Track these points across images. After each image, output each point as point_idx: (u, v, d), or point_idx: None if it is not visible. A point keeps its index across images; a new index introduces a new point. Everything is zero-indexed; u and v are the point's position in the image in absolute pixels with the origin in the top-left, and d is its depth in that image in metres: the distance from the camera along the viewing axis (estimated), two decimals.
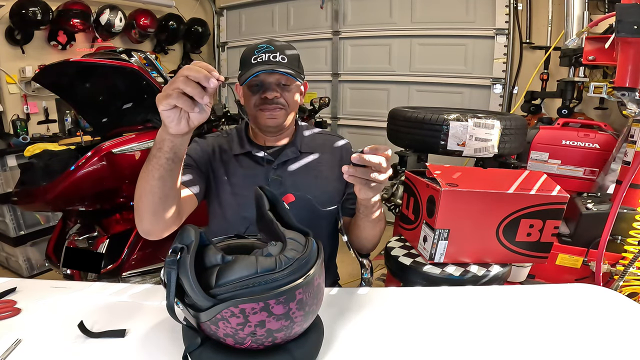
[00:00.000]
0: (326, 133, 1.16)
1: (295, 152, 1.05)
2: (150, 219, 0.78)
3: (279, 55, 0.94)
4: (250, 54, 0.95)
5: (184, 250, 0.52)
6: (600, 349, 0.67)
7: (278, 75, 0.95)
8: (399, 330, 0.71)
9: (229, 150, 1.05)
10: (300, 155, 1.05)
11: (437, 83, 3.20)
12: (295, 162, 1.05)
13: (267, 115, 0.97)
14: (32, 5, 2.60)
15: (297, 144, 1.06)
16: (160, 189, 0.73)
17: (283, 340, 0.55)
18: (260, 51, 0.94)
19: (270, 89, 0.95)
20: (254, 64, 0.93)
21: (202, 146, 1.04)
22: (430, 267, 1.18)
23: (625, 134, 1.69)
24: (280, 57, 0.93)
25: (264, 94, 0.95)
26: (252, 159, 1.04)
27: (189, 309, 0.53)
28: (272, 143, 1.06)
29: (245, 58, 0.96)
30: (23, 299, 0.78)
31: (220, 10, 4.17)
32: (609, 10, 2.22)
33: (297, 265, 0.52)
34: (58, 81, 1.92)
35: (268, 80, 0.95)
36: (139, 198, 0.76)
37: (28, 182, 1.80)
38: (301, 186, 1.01)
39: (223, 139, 1.08)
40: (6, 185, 2.39)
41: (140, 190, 0.75)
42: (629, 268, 1.47)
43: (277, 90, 0.96)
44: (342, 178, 1.05)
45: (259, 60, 0.93)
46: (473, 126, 1.67)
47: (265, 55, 0.93)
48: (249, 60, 0.94)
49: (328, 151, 1.09)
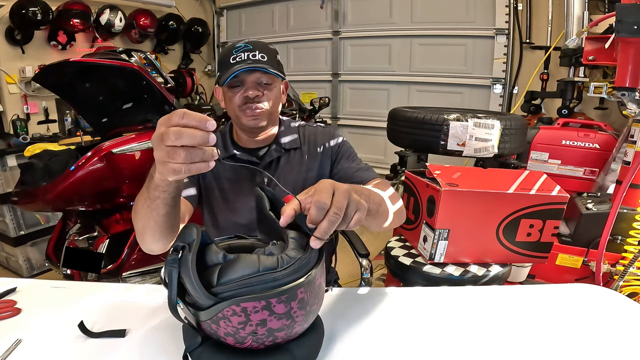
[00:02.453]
0: (306, 125, 1.11)
1: (279, 150, 1.02)
2: (156, 243, 0.76)
3: (258, 53, 0.91)
4: (228, 54, 0.92)
5: (186, 248, 0.52)
6: (600, 349, 0.67)
7: (259, 74, 0.92)
8: (399, 330, 0.71)
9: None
10: (284, 153, 1.03)
11: (437, 83, 3.21)
12: (281, 160, 1.02)
13: (250, 115, 0.94)
14: (32, 5, 2.60)
15: (280, 141, 1.03)
16: (166, 222, 0.71)
17: (284, 339, 0.55)
18: (238, 50, 0.91)
19: (252, 87, 0.93)
20: (233, 63, 0.91)
21: None
22: (430, 267, 1.18)
23: (625, 134, 1.69)
24: (260, 55, 0.91)
25: (246, 93, 0.92)
26: (237, 162, 1.02)
27: (190, 307, 0.53)
28: (256, 144, 1.03)
29: (224, 58, 0.94)
30: (23, 299, 0.78)
31: (220, 10, 4.17)
32: (609, 10, 2.22)
33: (299, 265, 0.52)
34: (58, 81, 1.92)
35: (249, 78, 0.92)
36: (143, 229, 0.73)
37: (28, 182, 1.80)
38: (290, 184, 1.00)
39: None
40: (6, 185, 2.39)
41: (144, 222, 0.71)
42: (629, 268, 1.47)
43: (258, 89, 0.93)
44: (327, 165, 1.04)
45: (237, 60, 0.91)
46: (473, 126, 1.67)
47: (244, 54, 0.91)
48: (228, 61, 0.92)
49: (309, 142, 1.06)
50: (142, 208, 0.69)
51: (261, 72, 0.92)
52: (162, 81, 2.99)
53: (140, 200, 0.69)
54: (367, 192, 0.69)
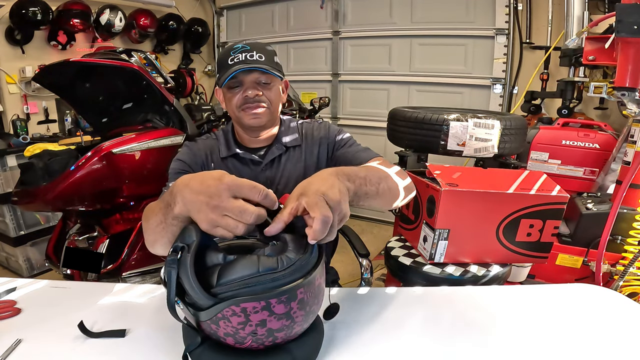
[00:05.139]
0: (304, 122, 1.12)
1: (280, 148, 1.03)
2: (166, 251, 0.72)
3: (255, 53, 0.92)
4: (226, 55, 0.94)
5: (185, 249, 0.52)
6: (600, 349, 0.67)
7: (257, 74, 0.94)
8: (399, 330, 0.71)
9: (217, 153, 1.04)
10: (286, 151, 1.04)
11: (437, 83, 3.20)
12: (282, 158, 1.04)
13: (250, 114, 0.95)
14: (32, 5, 2.60)
15: (281, 139, 1.04)
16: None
17: (283, 340, 0.55)
18: (236, 52, 0.93)
19: (251, 87, 0.94)
20: (231, 64, 0.92)
21: (194, 150, 1.03)
22: (430, 267, 1.18)
23: (625, 134, 1.69)
24: (257, 56, 0.92)
25: (245, 93, 0.94)
26: (239, 161, 1.03)
27: (190, 307, 0.53)
28: (258, 143, 1.04)
29: (222, 60, 0.95)
30: (23, 299, 0.78)
31: (220, 10, 4.17)
32: (609, 10, 2.22)
33: (299, 265, 0.52)
34: (58, 81, 1.92)
35: (247, 79, 0.94)
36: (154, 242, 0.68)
37: (28, 182, 1.80)
38: (293, 181, 1.01)
39: (213, 141, 1.06)
40: (6, 185, 2.39)
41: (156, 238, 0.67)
42: (629, 268, 1.47)
43: (257, 88, 0.94)
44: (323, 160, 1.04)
45: (235, 61, 0.92)
46: (473, 126, 1.67)
47: (242, 55, 0.92)
48: (226, 62, 0.93)
49: (308, 138, 1.07)
50: (157, 226, 0.64)
51: (259, 72, 0.93)
52: (162, 81, 2.99)
53: (154, 218, 0.65)
54: (362, 173, 0.68)
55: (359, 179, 0.66)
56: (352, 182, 0.63)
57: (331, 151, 1.05)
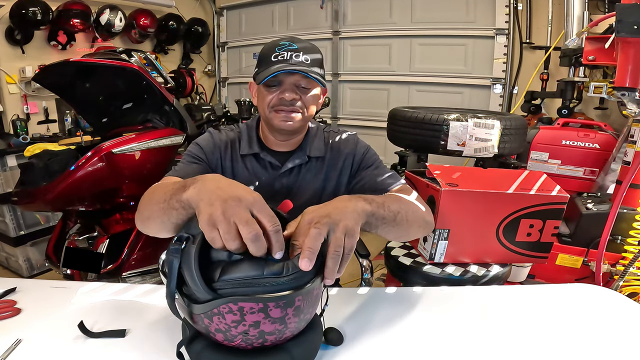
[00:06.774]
0: (330, 131, 1.06)
1: (303, 157, 0.98)
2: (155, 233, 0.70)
3: (302, 55, 0.87)
4: (270, 50, 0.88)
5: (190, 239, 0.52)
6: (600, 349, 0.67)
7: (299, 77, 0.88)
8: (398, 330, 0.71)
9: (238, 148, 0.99)
10: (308, 161, 0.99)
11: (437, 83, 3.21)
12: (302, 168, 0.99)
13: (282, 117, 0.89)
14: (32, 5, 2.60)
15: (305, 148, 0.99)
16: (174, 229, 0.64)
17: (272, 343, 0.55)
18: (282, 49, 0.87)
19: (289, 90, 0.88)
20: (274, 61, 0.86)
21: (216, 140, 0.99)
22: (430, 267, 1.18)
23: (625, 134, 1.69)
24: (303, 58, 0.87)
25: (282, 95, 0.88)
26: (259, 162, 0.98)
27: (185, 298, 0.53)
28: (281, 147, 0.99)
29: (265, 55, 0.89)
30: (23, 299, 0.78)
31: (220, 10, 4.17)
32: (609, 10, 2.22)
33: (302, 273, 0.52)
34: (58, 81, 1.92)
35: (287, 80, 0.88)
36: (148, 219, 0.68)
37: (28, 182, 1.80)
38: (308, 193, 0.98)
39: (235, 134, 1.01)
40: (6, 185, 2.39)
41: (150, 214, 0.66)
42: (629, 268, 1.47)
43: (296, 92, 0.88)
44: (346, 175, 1.01)
45: (279, 59, 0.86)
46: (473, 126, 1.67)
47: (287, 54, 0.86)
48: (269, 58, 0.87)
49: (333, 151, 1.01)
50: (158, 203, 0.63)
51: (301, 75, 0.87)
52: (162, 81, 2.99)
53: (160, 193, 0.63)
54: (380, 200, 0.68)
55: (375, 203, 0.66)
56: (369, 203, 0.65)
57: (356, 168, 1.00)
